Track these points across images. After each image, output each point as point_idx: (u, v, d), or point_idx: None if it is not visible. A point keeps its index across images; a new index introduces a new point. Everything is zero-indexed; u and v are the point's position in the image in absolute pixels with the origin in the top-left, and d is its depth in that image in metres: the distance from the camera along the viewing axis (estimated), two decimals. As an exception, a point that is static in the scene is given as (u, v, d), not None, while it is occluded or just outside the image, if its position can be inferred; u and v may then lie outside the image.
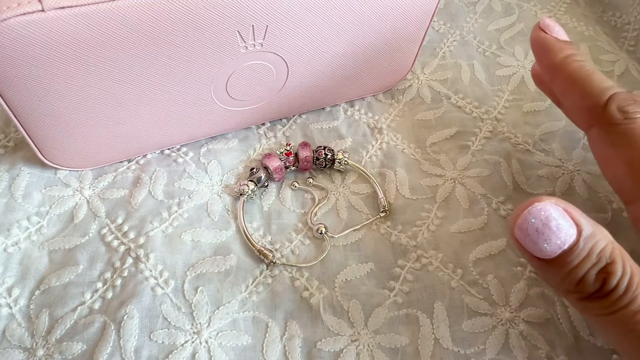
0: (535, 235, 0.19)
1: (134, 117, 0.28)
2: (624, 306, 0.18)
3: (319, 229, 0.29)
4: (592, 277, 0.18)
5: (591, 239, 0.18)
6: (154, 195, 0.30)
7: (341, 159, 0.31)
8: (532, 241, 0.19)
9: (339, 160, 0.31)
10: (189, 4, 0.23)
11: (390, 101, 0.36)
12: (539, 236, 0.19)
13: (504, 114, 0.36)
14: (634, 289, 0.18)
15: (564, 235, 0.18)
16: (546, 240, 0.19)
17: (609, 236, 0.19)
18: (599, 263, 0.18)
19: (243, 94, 0.30)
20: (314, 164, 0.31)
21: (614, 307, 0.18)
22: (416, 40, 0.33)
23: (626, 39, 0.41)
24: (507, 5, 0.43)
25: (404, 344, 0.26)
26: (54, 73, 0.23)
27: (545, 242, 0.19)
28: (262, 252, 0.28)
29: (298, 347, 0.26)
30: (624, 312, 0.18)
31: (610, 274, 0.18)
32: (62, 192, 0.30)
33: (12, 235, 0.28)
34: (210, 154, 0.32)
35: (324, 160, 0.31)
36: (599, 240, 0.18)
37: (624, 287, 0.18)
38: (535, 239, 0.19)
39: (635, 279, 0.18)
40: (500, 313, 0.27)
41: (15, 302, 0.26)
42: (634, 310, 0.18)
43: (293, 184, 0.31)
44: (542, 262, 0.19)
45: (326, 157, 0.31)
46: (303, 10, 0.26)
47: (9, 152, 0.31)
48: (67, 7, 0.21)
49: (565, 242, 0.18)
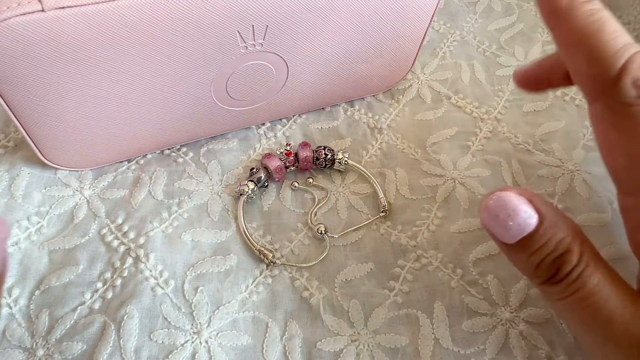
0: (498, 220, 0.20)
1: (134, 117, 0.28)
2: (575, 291, 0.19)
3: (319, 228, 0.29)
4: (548, 263, 0.20)
5: (551, 228, 0.19)
6: (154, 195, 0.30)
7: (341, 159, 0.31)
8: (496, 226, 0.20)
9: (339, 160, 0.31)
10: (189, 4, 0.23)
11: (390, 101, 0.36)
12: (502, 222, 0.20)
13: (504, 114, 0.36)
14: (584, 278, 0.19)
15: (524, 222, 0.19)
16: (508, 225, 0.20)
17: (574, 228, 0.20)
18: (555, 251, 0.19)
19: (243, 94, 0.30)
20: (314, 164, 0.31)
21: (566, 292, 0.19)
22: (416, 40, 0.33)
23: (626, 39, 0.41)
24: (507, 5, 0.43)
25: (404, 344, 0.26)
26: (54, 73, 0.23)
27: (507, 227, 0.20)
28: (262, 252, 0.28)
29: (298, 347, 0.26)
30: (575, 296, 0.19)
31: (565, 262, 0.19)
32: (62, 192, 0.30)
33: (12, 235, 0.28)
34: (210, 154, 0.32)
35: (323, 160, 0.31)
36: (559, 230, 0.20)
37: (576, 275, 0.19)
38: (498, 224, 0.20)
39: (588, 270, 0.19)
40: (500, 313, 0.27)
41: (15, 302, 0.26)
42: (583, 295, 0.19)
43: (293, 184, 0.31)
44: (507, 246, 0.20)
45: (326, 157, 0.31)
46: (303, 11, 0.26)
47: (9, 152, 0.31)
48: (67, 7, 0.21)
49: (525, 228, 0.19)
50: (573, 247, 0.19)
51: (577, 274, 0.19)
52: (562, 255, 0.19)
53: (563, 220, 0.20)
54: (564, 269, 0.19)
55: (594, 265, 0.19)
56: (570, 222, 0.20)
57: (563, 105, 0.37)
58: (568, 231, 0.20)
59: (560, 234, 0.20)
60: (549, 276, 0.20)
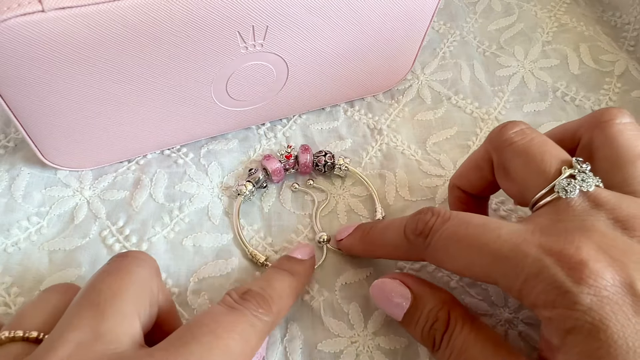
0: (384, 304, 0.23)
1: (134, 117, 0.28)
2: (450, 354, 0.21)
3: (321, 237, 0.28)
4: (426, 333, 0.22)
5: (421, 302, 0.22)
6: (155, 198, 0.30)
7: (341, 165, 0.31)
8: (386, 308, 0.23)
9: (339, 165, 0.31)
10: (190, 5, 0.23)
11: (390, 101, 0.36)
12: (387, 305, 0.23)
13: (504, 114, 0.36)
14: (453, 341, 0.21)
15: (400, 303, 0.22)
16: (389, 308, 0.23)
17: (442, 297, 0.22)
18: (427, 322, 0.22)
19: (243, 95, 0.30)
20: (314, 168, 0.31)
21: (445, 355, 0.21)
22: (416, 40, 0.33)
23: (626, 39, 0.41)
24: (507, 5, 0.43)
25: (403, 345, 0.26)
26: (54, 73, 0.23)
27: (389, 309, 0.23)
28: (253, 255, 0.28)
29: (299, 348, 0.26)
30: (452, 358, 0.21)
31: (437, 330, 0.21)
32: (62, 193, 0.30)
33: (12, 235, 0.28)
34: (210, 155, 0.32)
35: (323, 167, 0.31)
36: (428, 303, 0.22)
37: (447, 339, 0.21)
38: (385, 306, 0.23)
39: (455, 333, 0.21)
40: (499, 314, 0.27)
41: (15, 302, 0.26)
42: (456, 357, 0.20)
43: (293, 186, 0.31)
44: (401, 322, 0.23)
45: (325, 164, 0.31)
46: (303, 11, 0.26)
47: (9, 152, 0.31)
48: (67, 7, 0.21)
49: (402, 308, 0.22)
50: (440, 315, 0.21)
51: (447, 339, 0.21)
52: (433, 324, 0.21)
53: (431, 292, 0.22)
54: (437, 337, 0.21)
55: (460, 327, 0.21)
56: (439, 292, 0.22)
57: (563, 105, 0.37)
58: (436, 301, 0.22)
59: (429, 306, 0.22)
60: (432, 345, 0.21)
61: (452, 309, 0.21)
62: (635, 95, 0.37)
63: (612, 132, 0.20)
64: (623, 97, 0.37)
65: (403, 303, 0.22)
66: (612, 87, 0.38)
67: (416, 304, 0.22)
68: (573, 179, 0.19)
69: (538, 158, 0.20)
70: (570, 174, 0.19)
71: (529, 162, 0.20)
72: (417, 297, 0.22)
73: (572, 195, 0.19)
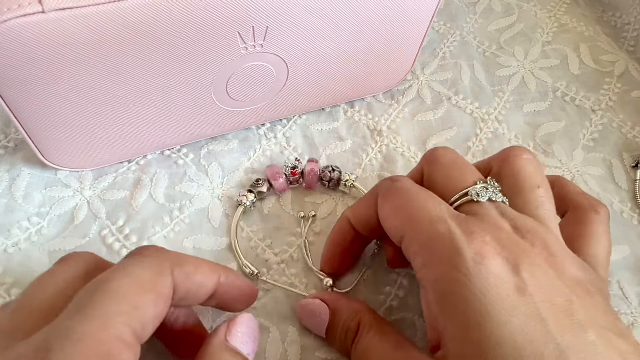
0: (308, 322, 0.26)
1: (134, 117, 0.28)
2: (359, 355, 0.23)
3: (327, 282, 0.27)
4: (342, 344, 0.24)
5: (337, 315, 0.24)
6: (155, 199, 0.30)
7: (347, 181, 0.31)
8: (310, 327, 0.26)
9: (345, 182, 0.31)
10: (190, 6, 0.23)
11: (390, 102, 0.36)
12: (309, 323, 0.26)
13: (504, 114, 0.36)
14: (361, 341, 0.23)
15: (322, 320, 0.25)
16: (313, 326, 0.25)
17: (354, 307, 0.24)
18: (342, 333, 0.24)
19: (243, 95, 0.30)
20: (319, 182, 0.31)
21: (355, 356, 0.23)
22: (416, 40, 0.33)
23: (626, 39, 0.41)
24: (507, 5, 0.43)
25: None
26: (54, 74, 0.23)
27: (313, 327, 0.25)
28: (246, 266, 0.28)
29: (298, 353, 0.25)
30: None
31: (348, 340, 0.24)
32: (62, 193, 0.30)
33: (12, 235, 0.28)
34: (210, 156, 0.32)
35: (328, 183, 0.31)
36: (342, 314, 0.24)
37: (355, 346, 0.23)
38: (309, 325, 0.26)
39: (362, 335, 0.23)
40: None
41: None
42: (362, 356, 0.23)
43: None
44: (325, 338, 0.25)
45: (330, 181, 0.31)
46: (303, 12, 0.26)
47: (9, 153, 0.31)
48: (67, 8, 0.21)
49: (324, 324, 0.25)
50: (351, 325, 0.23)
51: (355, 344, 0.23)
52: (347, 333, 0.24)
53: (347, 305, 0.25)
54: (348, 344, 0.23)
55: (367, 332, 0.23)
56: (353, 303, 0.25)
57: (563, 105, 0.37)
58: (349, 312, 0.24)
59: (343, 317, 0.24)
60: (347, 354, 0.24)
61: (362, 317, 0.24)
62: (635, 95, 0.37)
63: (517, 164, 0.23)
64: (623, 97, 0.37)
65: (323, 319, 0.25)
66: (612, 87, 0.38)
67: (333, 318, 0.24)
68: (485, 189, 0.23)
69: (458, 172, 0.24)
70: (483, 186, 0.23)
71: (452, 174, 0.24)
72: (334, 312, 0.24)
73: (482, 199, 0.22)
